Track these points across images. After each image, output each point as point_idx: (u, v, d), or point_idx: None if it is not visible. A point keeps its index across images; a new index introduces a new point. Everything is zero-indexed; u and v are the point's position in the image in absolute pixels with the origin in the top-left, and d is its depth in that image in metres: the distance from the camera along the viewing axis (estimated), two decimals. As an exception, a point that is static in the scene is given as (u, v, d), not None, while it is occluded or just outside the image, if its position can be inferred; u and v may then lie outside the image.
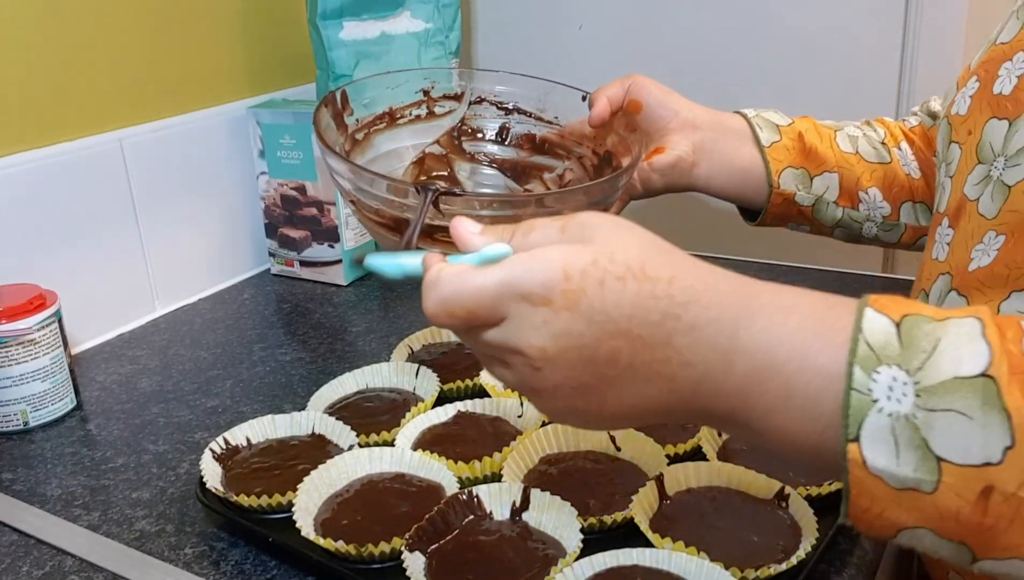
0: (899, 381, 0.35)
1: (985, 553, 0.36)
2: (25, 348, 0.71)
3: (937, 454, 0.34)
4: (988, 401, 0.34)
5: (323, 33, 1.01)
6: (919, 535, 0.37)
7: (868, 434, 0.35)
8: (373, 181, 0.66)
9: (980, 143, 0.57)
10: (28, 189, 0.82)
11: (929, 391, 0.35)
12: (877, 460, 0.35)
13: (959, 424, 0.34)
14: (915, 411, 0.35)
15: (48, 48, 0.84)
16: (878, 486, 0.35)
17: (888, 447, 0.35)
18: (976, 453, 0.34)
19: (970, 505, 0.35)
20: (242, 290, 1.02)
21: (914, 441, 0.35)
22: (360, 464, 0.61)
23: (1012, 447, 0.34)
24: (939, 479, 0.35)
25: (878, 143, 0.79)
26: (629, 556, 0.51)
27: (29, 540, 0.60)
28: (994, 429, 0.34)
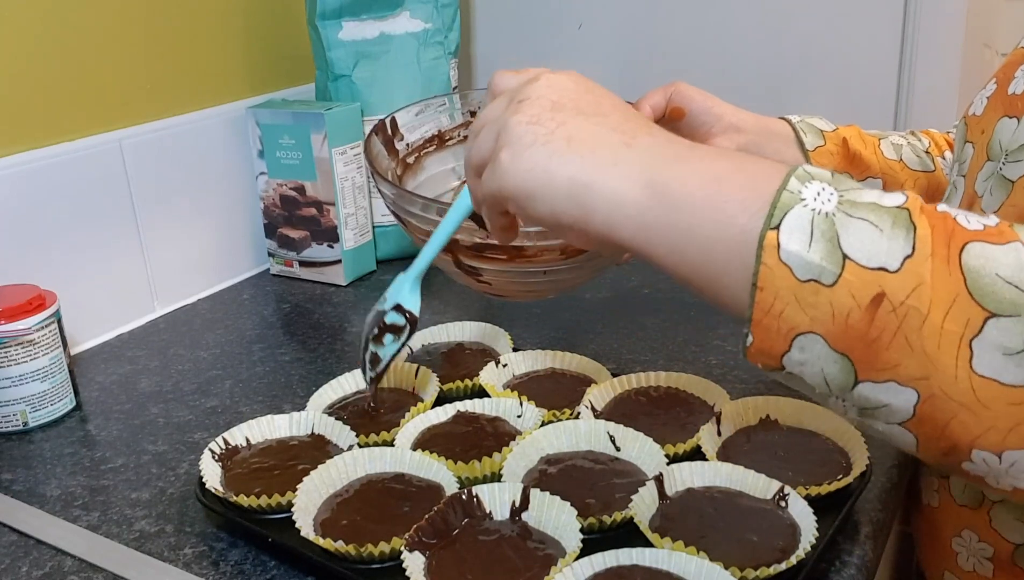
0: (826, 191, 0.39)
1: (866, 372, 0.38)
2: (24, 348, 0.71)
3: (844, 250, 0.38)
4: (898, 220, 0.38)
5: (322, 33, 1.01)
6: (811, 343, 0.39)
7: (789, 223, 0.39)
8: (423, 205, 0.67)
9: (991, 141, 0.58)
10: (27, 189, 0.82)
11: (851, 202, 0.39)
12: (790, 244, 0.38)
13: (869, 232, 0.38)
14: (835, 211, 0.39)
15: (47, 48, 0.84)
16: (785, 276, 0.38)
17: (803, 235, 0.38)
18: (877, 257, 0.38)
19: (861, 309, 0.37)
20: (241, 290, 1.02)
21: (827, 234, 0.38)
22: (360, 464, 0.61)
23: (911, 256, 0.37)
24: (840, 273, 0.38)
25: (922, 152, 0.79)
26: (629, 556, 0.51)
27: (28, 540, 0.60)
28: (899, 241, 0.38)
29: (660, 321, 0.87)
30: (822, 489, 0.56)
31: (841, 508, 0.56)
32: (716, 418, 0.64)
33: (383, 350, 0.62)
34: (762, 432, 0.64)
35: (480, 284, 0.74)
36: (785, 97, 1.07)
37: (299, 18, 1.07)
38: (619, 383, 0.70)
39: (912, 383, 0.38)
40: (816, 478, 0.58)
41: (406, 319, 0.61)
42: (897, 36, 1.01)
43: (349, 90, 1.02)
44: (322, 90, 1.05)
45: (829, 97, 1.06)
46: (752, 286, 0.39)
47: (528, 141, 0.45)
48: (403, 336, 0.61)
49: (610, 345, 0.82)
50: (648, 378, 0.71)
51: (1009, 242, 0.37)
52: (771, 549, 0.52)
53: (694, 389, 0.69)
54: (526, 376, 0.74)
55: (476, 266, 0.70)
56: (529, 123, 0.46)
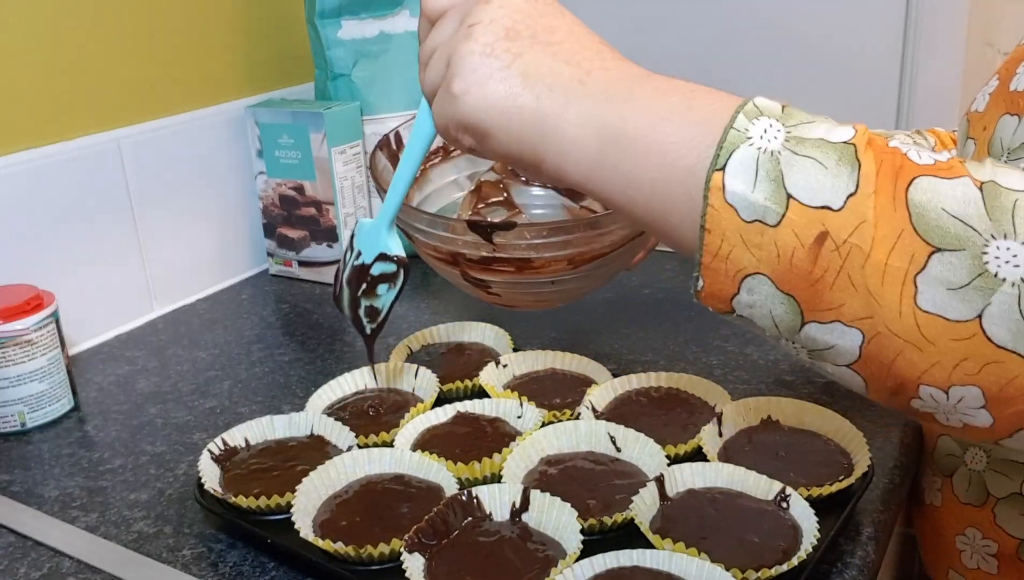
0: (774, 128, 0.39)
1: (812, 313, 0.39)
2: (22, 349, 0.71)
3: (788, 189, 0.38)
4: (844, 157, 0.38)
5: (321, 32, 1.01)
6: (759, 284, 0.39)
7: (734, 164, 0.38)
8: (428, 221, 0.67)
9: (992, 138, 0.57)
10: (25, 189, 0.82)
11: (798, 140, 0.39)
12: (735, 185, 0.38)
13: (814, 169, 0.38)
14: (781, 149, 0.38)
15: (45, 47, 0.84)
16: (731, 218, 0.38)
17: (748, 175, 0.38)
18: (821, 195, 0.37)
19: (804, 249, 0.37)
20: (240, 290, 1.02)
21: (772, 173, 0.38)
22: (359, 465, 0.61)
23: (854, 194, 0.37)
24: (784, 213, 0.38)
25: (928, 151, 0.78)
26: (629, 557, 0.51)
27: (27, 541, 0.60)
28: (843, 178, 0.37)
29: (661, 321, 0.86)
30: (824, 490, 0.56)
31: (843, 509, 0.56)
32: (717, 419, 0.64)
33: (379, 301, 0.60)
34: (763, 433, 0.63)
35: (490, 296, 0.74)
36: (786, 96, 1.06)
37: (298, 17, 1.07)
38: (620, 384, 0.70)
39: (856, 323, 0.38)
40: (818, 479, 0.57)
41: (396, 263, 0.59)
42: (899, 34, 1.01)
43: (348, 89, 1.02)
44: (321, 89, 1.05)
45: (830, 96, 1.05)
46: (700, 228, 0.39)
47: (483, 74, 0.44)
48: (398, 281, 0.60)
49: (611, 345, 0.82)
50: (649, 378, 0.70)
51: (958, 177, 0.37)
52: (772, 550, 0.52)
53: (695, 390, 0.69)
54: (526, 376, 0.74)
55: (484, 279, 0.70)
56: (483, 53, 0.44)
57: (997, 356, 0.36)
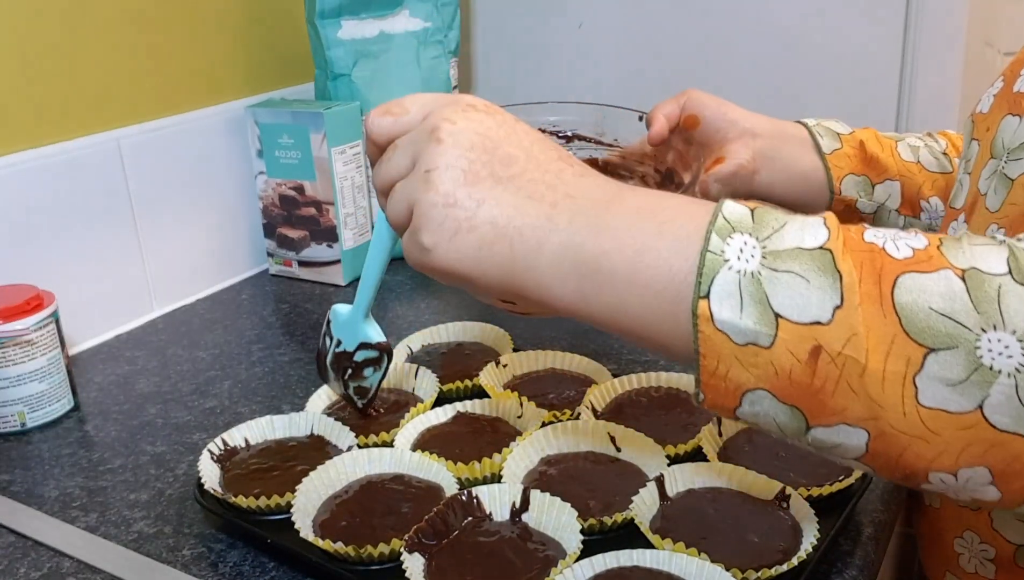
0: (749, 245, 0.39)
1: (816, 419, 0.39)
2: (22, 349, 0.71)
3: (775, 310, 0.38)
4: (824, 267, 0.38)
5: (321, 32, 1.01)
6: (760, 398, 0.39)
7: (717, 290, 0.38)
8: None
9: (994, 139, 0.58)
10: (25, 189, 0.82)
11: (774, 254, 0.39)
12: (723, 313, 0.38)
13: (796, 284, 0.38)
14: (760, 269, 0.38)
15: (44, 47, 0.84)
16: (724, 342, 0.38)
17: (734, 301, 0.38)
18: (808, 311, 0.37)
19: (801, 364, 0.38)
20: (240, 290, 1.02)
21: (756, 296, 0.38)
22: (359, 465, 0.61)
23: (840, 306, 0.37)
24: (776, 334, 0.38)
25: (939, 153, 0.78)
26: (629, 557, 0.51)
27: (27, 542, 0.60)
28: (826, 290, 0.37)
29: (660, 321, 0.86)
30: (824, 490, 0.56)
31: (843, 509, 0.56)
32: (717, 419, 0.63)
33: (367, 382, 0.64)
34: (763, 433, 0.63)
35: (504, 304, 0.74)
36: (786, 97, 1.06)
37: (298, 17, 1.07)
38: (620, 383, 0.70)
39: (861, 424, 0.38)
40: (818, 479, 0.57)
41: (379, 349, 0.62)
42: (899, 35, 1.01)
43: (348, 89, 1.02)
44: (321, 89, 1.05)
45: (830, 96, 1.05)
46: (695, 352, 0.39)
47: (450, 229, 0.43)
48: (383, 365, 0.63)
49: (611, 345, 0.82)
50: (649, 378, 0.70)
51: (938, 270, 0.37)
52: (772, 550, 0.52)
53: (695, 389, 0.69)
54: (526, 376, 0.74)
55: None
56: (445, 205, 0.43)
57: (1000, 439, 0.37)
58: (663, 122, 0.76)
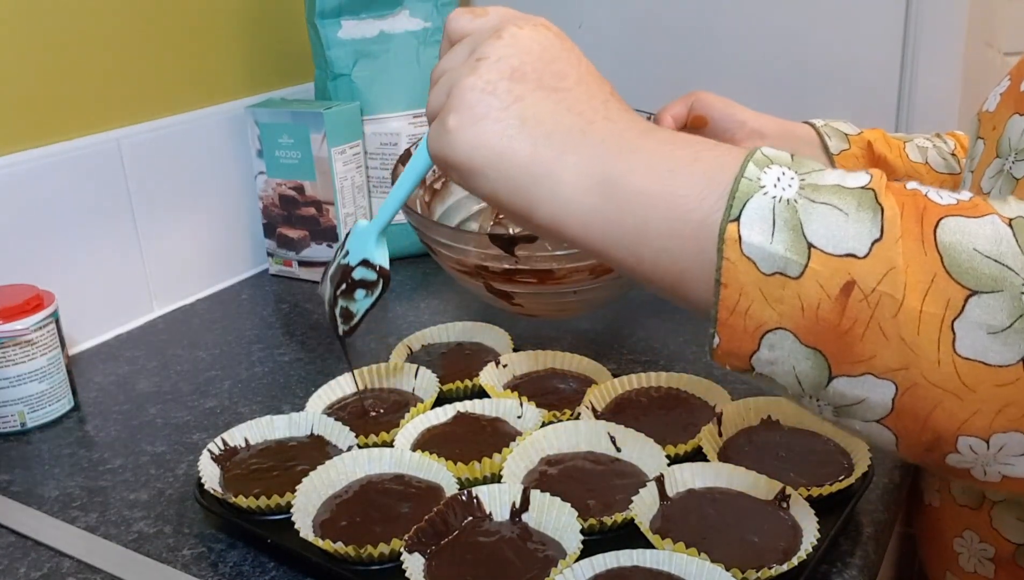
0: (787, 175, 0.37)
1: (840, 367, 0.36)
2: (22, 349, 0.71)
3: (808, 239, 0.36)
4: (865, 202, 0.36)
5: (321, 32, 1.01)
6: (780, 341, 0.37)
7: (749, 214, 0.37)
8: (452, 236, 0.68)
9: (1001, 137, 0.57)
10: (25, 189, 0.82)
11: (813, 187, 0.37)
12: (752, 237, 0.36)
13: (834, 216, 0.36)
14: (797, 197, 0.37)
15: (45, 47, 0.84)
16: (749, 270, 0.36)
17: (765, 225, 0.36)
18: (844, 244, 0.36)
19: (831, 300, 0.35)
20: (240, 290, 1.02)
21: (790, 222, 0.36)
22: (359, 465, 0.61)
23: (879, 240, 0.35)
24: (807, 264, 0.36)
25: (948, 154, 0.78)
26: (629, 557, 0.51)
27: (26, 541, 0.60)
28: (865, 224, 0.36)
29: (661, 321, 0.86)
30: (824, 490, 0.56)
31: (843, 509, 0.56)
32: (717, 419, 0.63)
33: (355, 305, 0.61)
34: (763, 433, 0.63)
35: (513, 306, 0.74)
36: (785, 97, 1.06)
37: (298, 17, 1.07)
38: (620, 383, 0.70)
39: (889, 375, 0.36)
40: (818, 479, 0.57)
41: (376, 273, 0.59)
42: (899, 35, 1.01)
43: (348, 89, 1.02)
44: (321, 89, 1.05)
45: (830, 96, 1.05)
46: (716, 283, 0.37)
47: (479, 112, 0.42)
48: (376, 291, 0.60)
49: (610, 345, 0.82)
50: (649, 378, 0.70)
51: (984, 215, 0.36)
52: (772, 550, 0.52)
53: (695, 390, 0.69)
54: (526, 376, 0.74)
55: (507, 290, 0.70)
56: (483, 90, 0.42)
57: None
58: (671, 123, 0.76)
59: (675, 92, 0.83)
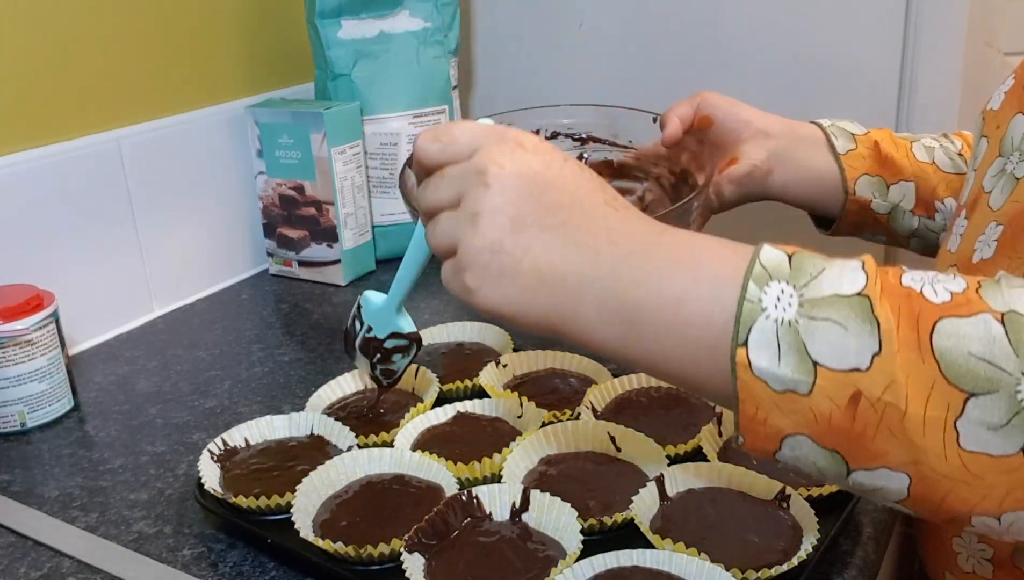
0: (786, 293, 0.39)
1: (857, 462, 0.39)
2: (22, 349, 0.71)
3: (813, 358, 0.38)
4: (861, 314, 0.38)
5: (321, 32, 1.01)
6: (799, 443, 0.40)
7: (755, 339, 0.39)
8: None
9: (1004, 137, 0.57)
10: (25, 189, 0.82)
11: (811, 302, 0.39)
12: (760, 361, 0.39)
13: (834, 332, 0.38)
14: (797, 317, 0.38)
15: (45, 47, 0.84)
16: (762, 389, 0.39)
17: (771, 350, 0.38)
18: (847, 359, 0.38)
19: (841, 410, 0.38)
20: (240, 290, 1.02)
21: (794, 345, 0.38)
22: (359, 465, 0.61)
23: (878, 353, 0.37)
24: (814, 382, 0.38)
25: (955, 154, 0.78)
26: (629, 557, 0.51)
27: (27, 541, 0.60)
28: (864, 338, 0.38)
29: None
30: (824, 490, 0.56)
31: (843, 509, 0.56)
32: (717, 419, 0.64)
33: (395, 366, 0.66)
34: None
35: None
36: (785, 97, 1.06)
37: (298, 17, 1.07)
38: (620, 383, 0.70)
39: (902, 468, 0.38)
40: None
41: (409, 339, 0.64)
42: (899, 35, 1.01)
43: (348, 89, 1.02)
44: (321, 89, 1.05)
45: (830, 96, 1.05)
46: (734, 398, 0.40)
47: (494, 272, 0.44)
48: (411, 353, 0.65)
49: (610, 345, 0.82)
50: (649, 378, 0.70)
51: (976, 314, 0.37)
52: (772, 550, 0.52)
53: (695, 389, 0.69)
54: (526, 376, 0.74)
55: None
56: (492, 251, 0.44)
57: None
58: (677, 123, 0.76)
59: (675, 91, 0.83)
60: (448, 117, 1.06)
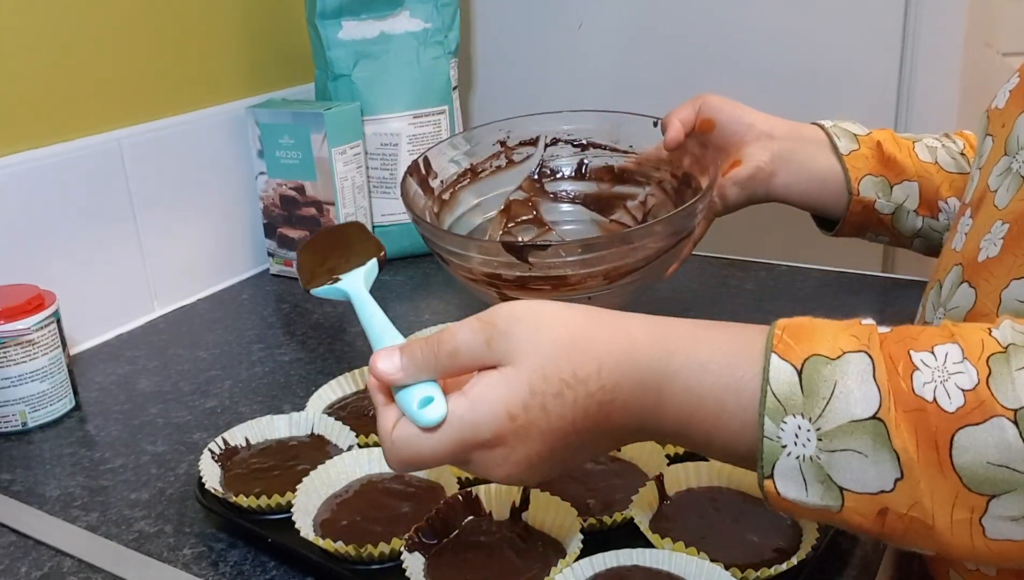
0: (803, 429, 0.40)
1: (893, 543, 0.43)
2: (24, 349, 0.71)
3: (839, 485, 0.40)
4: (879, 441, 0.39)
5: (322, 33, 1.01)
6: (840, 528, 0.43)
7: (780, 473, 0.41)
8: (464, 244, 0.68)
9: (1010, 135, 0.57)
10: (26, 189, 0.82)
11: (829, 435, 0.40)
12: (788, 492, 0.41)
13: (856, 461, 0.40)
14: (818, 453, 0.40)
15: (46, 48, 0.84)
16: (796, 508, 0.42)
17: (798, 483, 0.41)
18: (871, 483, 0.40)
19: (870, 521, 0.40)
20: (241, 290, 1.02)
21: (819, 477, 0.40)
22: (359, 464, 0.61)
23: (901, 479, 0.39)
24: (843, 503, 0.40)
25: (957, 154, 0.78)
26: (629, 556, 0.51)
27: (28, 541, 0.60)
28: (885, 465, 0.39)
29: (660, 321, 0.86)
30: (823, 489, 0.56)
31: (842, 508, 0.56)
32: (717, 418, 0.63)
33: None
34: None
35: None
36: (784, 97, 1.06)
37: (299, 17, 1.07)
38: (619, 383, 0.70)
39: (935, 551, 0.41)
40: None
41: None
42: (898, 35, 1.01)
43: (349, 90, 1.02)
44: (322, 90, 1.05)
45: (829, 97, 1.06)
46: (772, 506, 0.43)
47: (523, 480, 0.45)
48: None
49: (610, 345, 0.82)
50: (648, 378, 0.70)
51: (989, 419, 0.38)
52: (772, 549, 0.52)
53: (694, 389, 0.69)
54: (526, 376, 0.74)
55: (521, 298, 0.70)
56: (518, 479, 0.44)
57: None
58: (679, 127, 0.76)
59: (674, 92, 0.83)
60: (448, 117, 1.06)
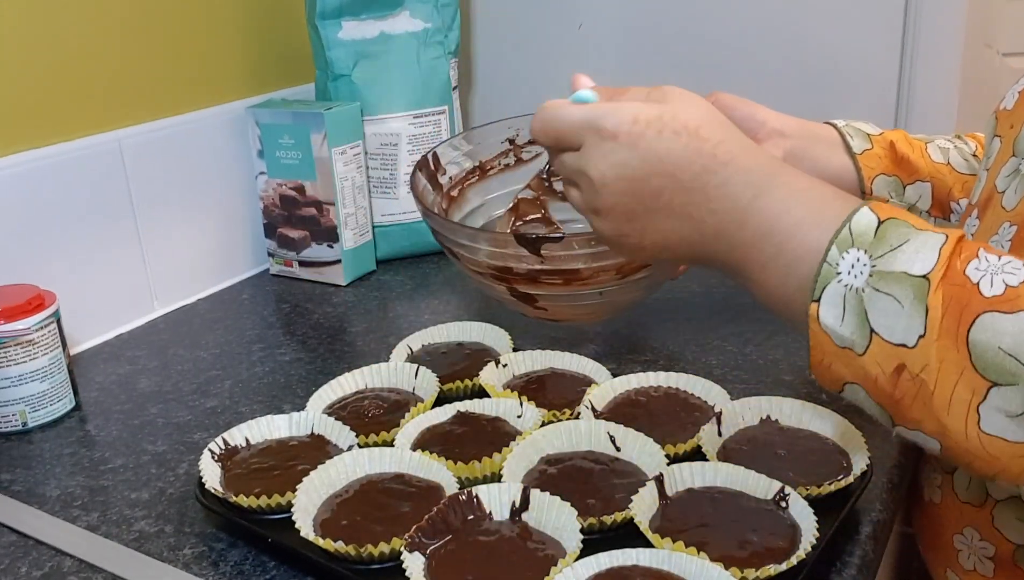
0: (860, 261, 0.44)
1: (899, 421, 0.46)
2: (24, 349, 0.71)
3: (871, 325, 0.44)
4: (918, 296, 0.43)
5: (322, 33, 1.01)
6: (856, 390, 0.47)
7: (826, 298, 0.45)
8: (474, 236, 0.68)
9: (1018, 137, 0.57)
10: (27, 189, 0.82)
11: (881, 275, 0.44)
12: (827, 318, 0.45)
13: (892, 307, 0.43)
14: (865, 287, 0.44)
15: (46, 47, 0.84)
16: (826, 340, 0.45)
17: (837, 310, 0.45)
18: (898, 334, 0.43)
19: (886, 376, 0.44)
20: (241, 290, 1.02)
21: (857, 310, 0.44)
22: (359, 464, 0.61)
23: (923, 336, 0.42)
24: (868, 346, 0.44)
25: (969, 155, 0.78)
26: (629, 556, 0.51)
27: (28, 541, 0.60)
28: (915, 319, 0.43)
29: (660, 321, 0.87)
30: (823, 489, 0.56)
31: (842, 508, 0.56)
32: (716, 418, 0.64)
33: None
34: (762, 432, 0.63)
35: (536, 310, 0.74)
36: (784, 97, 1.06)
37: (299, 18, 1.07)
38: (619, 383, 0.70)
39: (934, 436, 0.44)
40: (816, 478, 0.58)
41: None
42: (897, 36, 1.01)
43: (349, 90, 1.02)
44: (322, 90, 1.05)
45: (829, 97, 1.06)
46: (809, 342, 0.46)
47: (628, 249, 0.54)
48: None
49: (610, 345, 0.82)
50: (648, 378, 0.71)
51: (1017, 312, 0.40)
52: (771, 549, 0.52)
53: (694, 389, 0.69)
54: (526, 376, 0.74)
55: (531, 293, 0.70)
56: (618, 237, 0.53)
57: None
58: None
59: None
60: (448, 118, 1.06)
